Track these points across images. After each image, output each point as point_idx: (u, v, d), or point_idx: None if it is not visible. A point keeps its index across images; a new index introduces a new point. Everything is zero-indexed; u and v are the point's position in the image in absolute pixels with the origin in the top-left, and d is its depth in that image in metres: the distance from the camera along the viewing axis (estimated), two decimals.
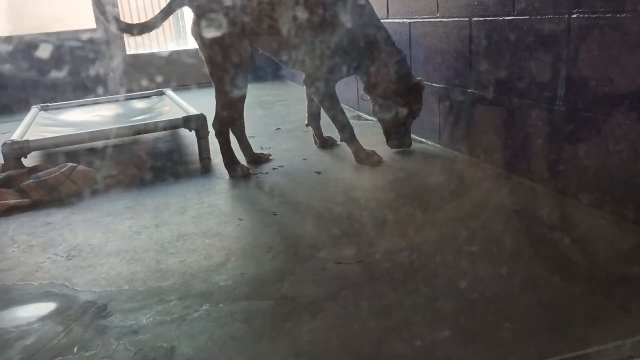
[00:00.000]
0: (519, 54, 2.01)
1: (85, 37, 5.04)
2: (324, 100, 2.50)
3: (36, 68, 4.93)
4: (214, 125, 2.49)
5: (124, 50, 5.25)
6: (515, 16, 1.99)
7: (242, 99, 2.49)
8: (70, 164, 2.46)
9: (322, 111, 2.65)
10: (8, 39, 4.92)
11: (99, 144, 2.89)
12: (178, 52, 5.47)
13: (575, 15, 1.73)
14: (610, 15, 1.61)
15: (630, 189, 1.65)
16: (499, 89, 2.16)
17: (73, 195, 2.36)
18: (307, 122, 2.86)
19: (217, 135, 2.49)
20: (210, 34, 2.31)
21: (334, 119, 2.54)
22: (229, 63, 2.34)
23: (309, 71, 2.49)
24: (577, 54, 1.75)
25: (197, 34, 2.36)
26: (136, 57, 5.31)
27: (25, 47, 4.91)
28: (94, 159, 2.76)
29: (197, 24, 2.34)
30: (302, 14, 2.33)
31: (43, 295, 1.56)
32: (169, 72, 5.19)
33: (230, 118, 2.49)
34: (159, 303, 1.47)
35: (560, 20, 1.79)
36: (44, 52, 4.92)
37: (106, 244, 1.87)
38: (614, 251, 1.56)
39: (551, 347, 1.14)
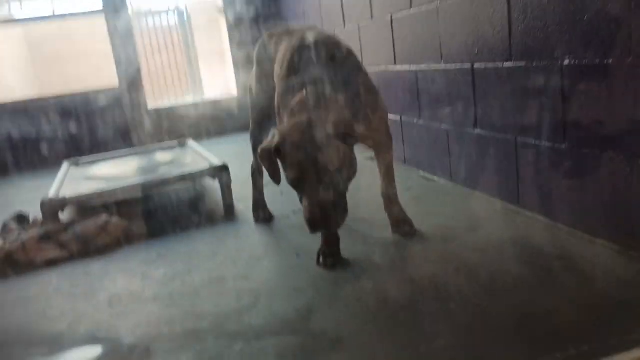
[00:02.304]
0: (518, 97, 2.17)
1: (109, 94, 5.31)
2: None
3: (63, 126, 5.19)
4: (252, 165, 2.65)
5: (146, 105, 5.51)
6: (514, 61, 2.15)
7: None
8: (105, 216, 2.63)
9: None
10: (36, 100, 5.21)
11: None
12: (195, 105, 5.72)
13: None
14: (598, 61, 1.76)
15: (627, 219, 1.76)
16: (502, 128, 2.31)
17: (108, 246, 2.52)
18: None
19: (252, 174, 2.66)
20: None
21: None
22: None
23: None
24: (571, 97, 1.89)
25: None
26: (157, 112, 5.56)
27: (52, 107, 5.18)
28: (125, 209, 2.93)
29: None
30: None
31: (90, 340, 1.70)
32: (188, 124, 5.44)
33: None
34: (197, 343, 1.59)
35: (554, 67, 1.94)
36: (70, 112, 5.19)
37: (143, 291, 2.01)
38: (613, 278, 1.66)
39: None
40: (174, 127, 5.40)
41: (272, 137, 1.90)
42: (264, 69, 2.42)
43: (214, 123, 5.58)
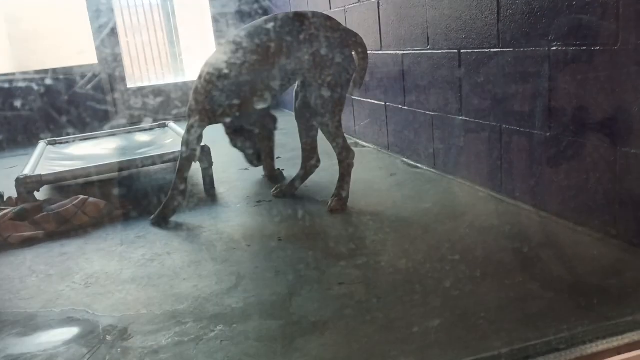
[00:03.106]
0: (506, 83, 2.16)
1: (86, 71, 5.19)
2: None
3: (39, 103, 5.07)
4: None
5: (125, 83, 5.40)
6: (501, 48, 2.14)
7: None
8: (82, 196, 2.58)
9: None
10: (10, 75, 5.07)
11: (107, 176, 3.01)
12: (176, 85, 5.63)
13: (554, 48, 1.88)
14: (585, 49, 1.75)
15: (610, 207, 1.77)
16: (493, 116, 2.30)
17: (85, 226, 2.47)
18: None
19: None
20: None
21: None
22: None
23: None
24: (557, 84, 1.89)
25: None
26: (137, 91, 5.46)
27: (28, 83, 5.05)
28: (103, 190, 2.87)
29: None
30: None
31: (65, 321, 1.66)
32: (169, 104, 5.36)
33: None
34: (176, 325, 1.57)
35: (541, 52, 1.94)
36: (47, 86, 5.06)
37: (121, 272, 1.97)
38: (596, 265, 1.68)
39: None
40: (153, 107, 5.32)
41: None
42: None
43: None
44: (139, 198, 2.84)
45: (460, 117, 2.48)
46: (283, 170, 3.07)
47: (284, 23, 2.32)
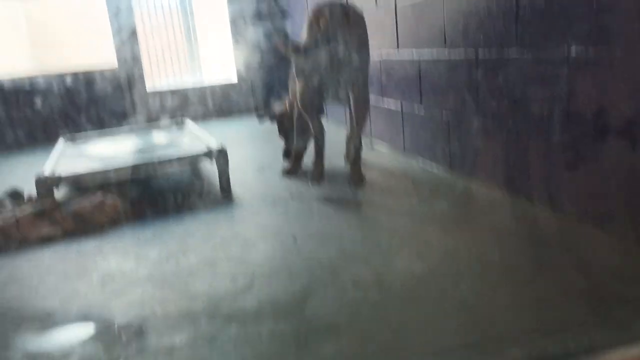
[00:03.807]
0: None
1: (107, 75, 5.25)
2: None
3: (61, 105, 5.14)
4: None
5: (144, 87, 5.45)
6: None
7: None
8: (100, 195, 2.60)
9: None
10: (34, 78, 5.15)
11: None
12: (194, 87, 5.67)
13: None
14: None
15: (629, 210, 1.74)
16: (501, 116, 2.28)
17: (103, 225, 2.49)
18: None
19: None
20: None
21: None
22: None
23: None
24: (575, 86, 1.86)
25: None
26: (156, 94, 5.51)
27: (49, 85, 5.13)
28: (120, 188, 2.90)
29: None
30: None
31: (82, 319, 1.68)
32: (186, 106, 5.41)
33: None
34: (191, 324, 1.57)
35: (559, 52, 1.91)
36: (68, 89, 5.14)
37: (137, 271, 1.99)
38: (615, 271, 1.64)
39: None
40: (173, 109, 5.36)
41: None
42: None
43: (213, 105, 5.55)
44: (156, 196, 2.86)
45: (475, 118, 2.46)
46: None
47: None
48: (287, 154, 3.22)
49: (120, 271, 2.00)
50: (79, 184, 2.87)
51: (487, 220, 2.15)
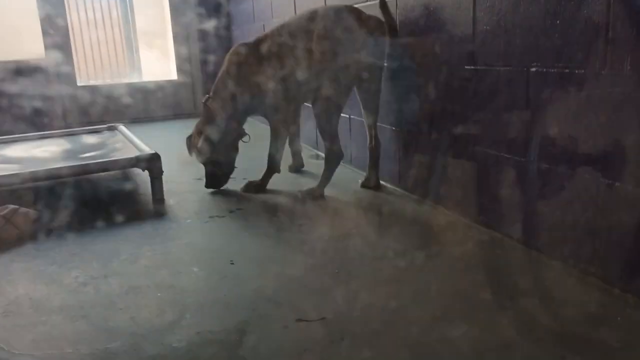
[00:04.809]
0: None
1: (33, 65, 4.84)
2: None
3: None
4: None
5: (74, 81, 5.08)
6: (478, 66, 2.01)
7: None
8: (11, 206, 2.31)
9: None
10: None
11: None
12: (130, 86, 5.34)
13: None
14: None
15: (594, 244, 1.65)
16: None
17: (14, 240, 2.20)
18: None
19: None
20: None
21: None
22: None
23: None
24: (541, 111, 1.76)
25: None
26: (87, 89, 5.14)
27: None
28: (37, 197, 2.60)
29: None
30: None
31: None
32: (120, 105, 5.07)
33: None
34: None
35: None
36: None
37: (48, 298, 1.73)
38: (582, 311, 1.54)
39: None
40: (104, 107, 5.02)
41: None
42: None
43: (150, 106, 5.24)
44: (79, 208, 2.58)
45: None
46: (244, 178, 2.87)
47: None
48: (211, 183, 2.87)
49: (28, 298, 1.74)
50: None
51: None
